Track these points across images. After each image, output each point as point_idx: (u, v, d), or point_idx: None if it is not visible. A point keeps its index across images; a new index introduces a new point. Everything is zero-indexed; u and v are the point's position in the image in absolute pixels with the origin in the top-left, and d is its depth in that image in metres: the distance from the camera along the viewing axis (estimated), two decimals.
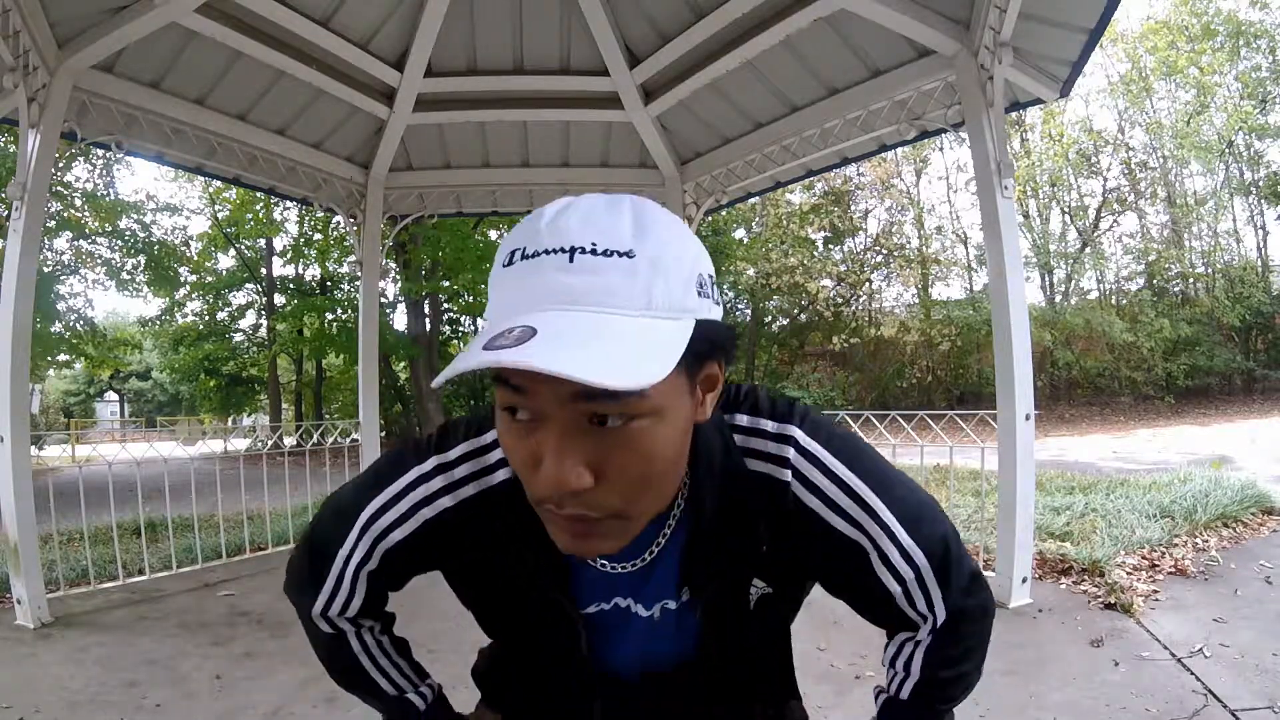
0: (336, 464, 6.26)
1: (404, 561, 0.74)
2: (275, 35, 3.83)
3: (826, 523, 0.67)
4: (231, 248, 17.92)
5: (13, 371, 3.18)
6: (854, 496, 0.67)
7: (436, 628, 3.10)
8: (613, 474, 0.52)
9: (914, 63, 3.73)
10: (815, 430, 0.69)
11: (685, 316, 0.52)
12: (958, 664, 0.75)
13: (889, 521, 0.68)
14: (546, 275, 0.50)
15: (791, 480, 0.67)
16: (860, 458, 0.69)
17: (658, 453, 0.53)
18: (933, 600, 0.71)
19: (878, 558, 0.68)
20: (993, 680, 2.43)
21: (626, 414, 0.50)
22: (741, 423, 0.69)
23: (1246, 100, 18.15)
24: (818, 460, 0.67)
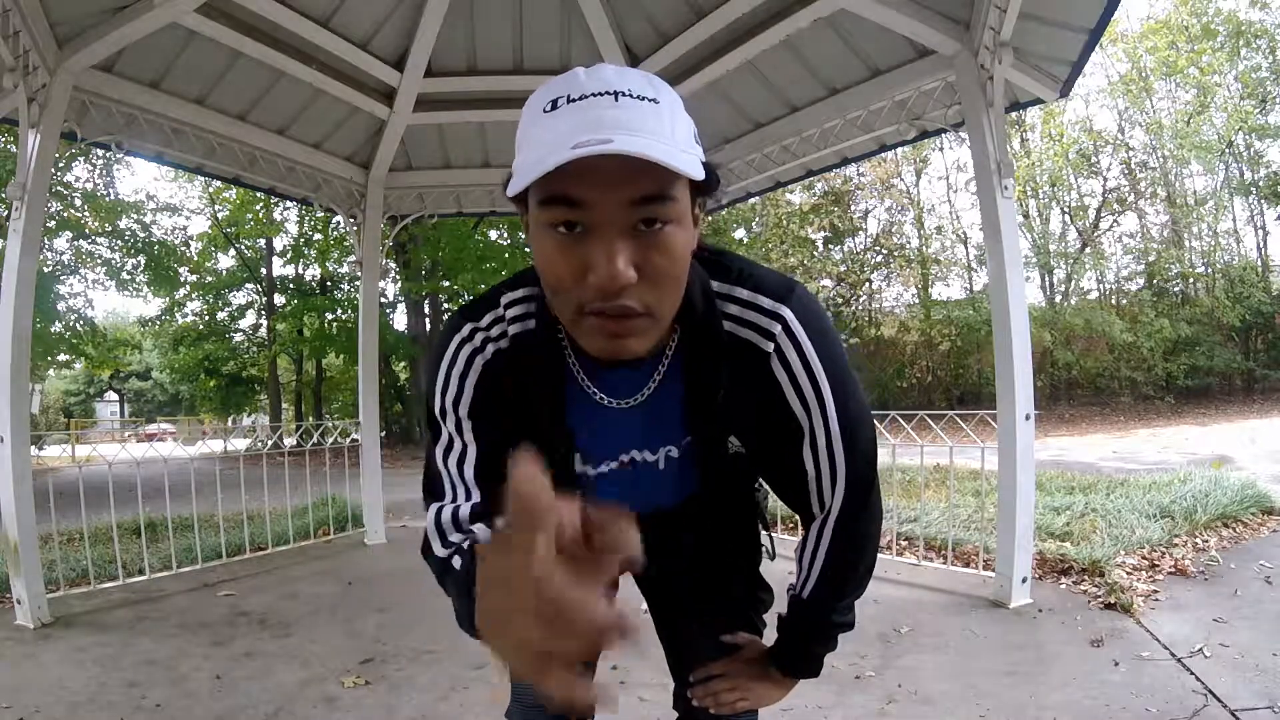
0: (336, 464, 6.27)
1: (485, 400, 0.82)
2: (275, 35, 3.83)
3: (784, 396, 0.81)
4: (231, 248, 17.93)
5: (13, 371, 3.18)
6: (814, 385, 0.81)
7: (436, 629, 3.11)
8: (650, 271, 0.64)
9: (914, 63, 3.72)
10: (804, 315, 0.81)
11: (695, 151, 0.67)
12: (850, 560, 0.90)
13: (831, 418, 0.82)
14: (597, 111, 0.61)
15: (771, 353, 0.80)
16: (833, 355, 0.82)
17: (680, 256, 0.67)
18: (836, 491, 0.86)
19: (808, 443, 0.83)
20: (993, 680, 2.43)
21: (664, 218, 0.64)
22: (742, 296, 0.81)
23: (1246, 100, 18.15)
24: (799, 344, 0.80)
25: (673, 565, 1.07)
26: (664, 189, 0.62)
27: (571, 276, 0.65)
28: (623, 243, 0.62)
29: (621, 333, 0.67)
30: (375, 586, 3.94)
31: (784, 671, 0.99)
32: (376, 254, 5.30)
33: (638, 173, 0.60)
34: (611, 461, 0.89)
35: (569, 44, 4.42)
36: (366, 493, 5.17)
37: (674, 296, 0.69)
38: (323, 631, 3.17)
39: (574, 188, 0.61)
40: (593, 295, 0.64)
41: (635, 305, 0.65)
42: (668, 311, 0.69)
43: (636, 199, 0.62)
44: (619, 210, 0.62)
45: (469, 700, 2.41)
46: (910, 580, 3.62)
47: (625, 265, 0.62)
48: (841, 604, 0.94)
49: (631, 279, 0.63)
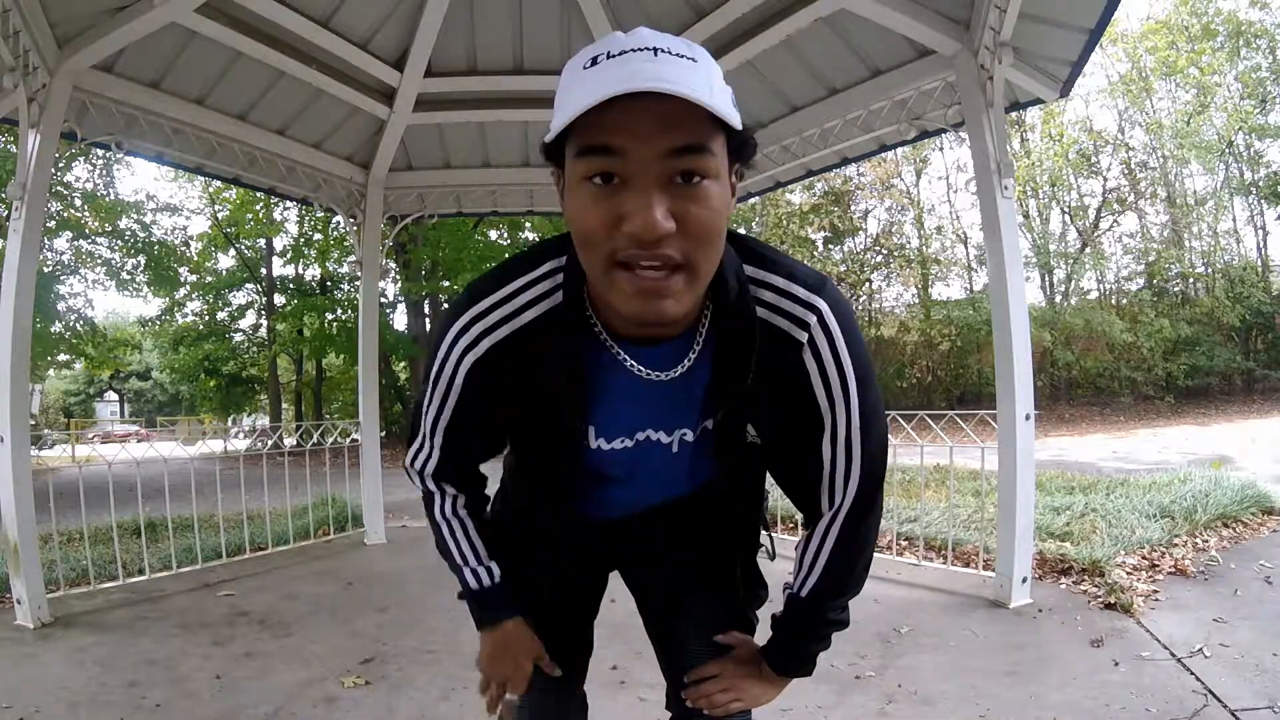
0: (336, 464, 6.27)
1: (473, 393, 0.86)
2: (275, 35, 3.83)
3: (811, 386, 0.82)
4: (231, 248, 17.92)
5: (13, 371, 3.18)
6: (843, 378, 0.82)
7: (436, 629, 3.11)
8: (689, 223, 0.63)
9: (914, 63, 3.72)
10: (837, 309, 0.82)
11: (733, 111, 0.65)
12: (853, 557, 0.91)
13: (854, 411, 0.83)
14: (637, 65, 0.61)
15: (805, 343, 0.80)
16: (860, 351, 0.84)
17: (718, 210, 0.66)
18: (849, 489, 0.87)
19: (829, 434, 0.84)
20: (993, 680, 2.43)
21: (702, 172, 0.63)
22: (776, 283, 0.81)
23: (1246, 100, 18.15)
24: (831, 336, 0.81)
25: (672, 557, 1.08)
26: (703, 140, 0.62)
27: (605, 226, 0.64)
28: (660, 193, 0.62)
29: (658, 290, 0.65)
30: (375, 586, 3.94)
31: (778, 670, 0.99)
32: (376, 254, 5.30)
33: (676, 123, 0.60)
34: (627, 439, 0.89)
35: (569, 44, 4.41)
36: (366, 493, 5.17)
37: (713, 253, 0.68)
38: (323, 631, 3.17)
39: (612, 136, 0.61)
40: (627, 243, 0.63)
41: (674, 254, 0.64)
42: (706, 269, 0.68)
43: (676, 148, 0.61)
44: (657, 160, 0.62)
45: (469, 700, 2.41)
46: (910, 580, 3.62)
47: (664, 215, 0.61)
48: (839, 601, 0.94)
49: (670, 229, 0.62)
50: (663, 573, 1.09)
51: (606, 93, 0.58)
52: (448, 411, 0.88)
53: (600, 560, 1.13)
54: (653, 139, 0.61)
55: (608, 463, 0.93)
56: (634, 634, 1.13)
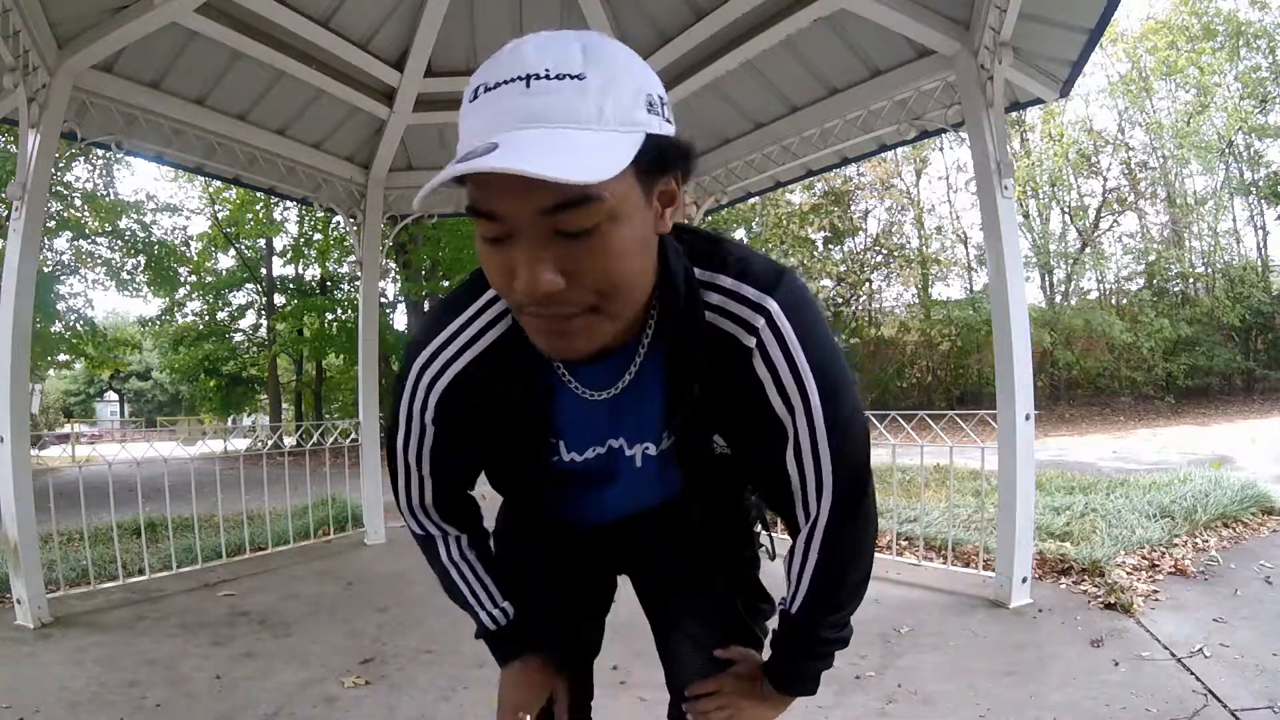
0: (336, 464, 6.27)
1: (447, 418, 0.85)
2: (275, 35, 3.83)
3: (766, 396, 0.75)
4: (231, 248, 17.92)
5: (13, 371, 3.18)
6: (799, 384, 0.74)
7: (436, 629, 3.11)
8: (581, 275, 0.59)
9: (914, 63, 3.72)
10: (792, 308, 0.74)
11: (636, 129, 0.57)
12: (838, 574, 0.85)
13: (817, 421, 0.76)
14: (507, 101, 0.56)
15: (754, 348, 0.74)
16: (821, 353, 0.75)
17: (619, 253, 0.60)
18: (823, 502, 0.80)
19: (791, 447, 0.78)
20: (993, 680, 2.43)
21: (586, 225, 0.57)
22: (724, 284, 0.75)
23: (1246, 100, 18.14)
24: (783, 339, 0.74)
25: (663, 573, 1.06)
26: (577, 194, 0.54)
27: (503, 282, 0.62)
28: (541, 250, 0.58)
29: (563, 331, 0.63)
30: (375, 586, 3.94)
31: (778, 688, 0.94)
32: (376, 254, 5.30)
33: (539, 183, 0.52)
34: (599, 447, 0.87)
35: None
36: (366, 493, 5.17)
37: (623, 294, 0.64)
38: (323, 631, 3.17)
39: (484, 201, 0.58)
40: (524, 300, 0.61)
41: (571, 307, 0.61)
42: (619, 308, 0.64)
43: (547, 208, 0.55)
44: (532, 221, 0.57)
45: (469, 700, 2.41)
46: (910, 580, 3.62)
47: (550, 274, 0.58)
48: (832, 619, 0.88)
49: (557, 286, 0.58)
50: (660, 578, 1.07)
51: (457, 170, 0.52)
52: (428, 440, 0.87)
53: (601, 563, 1.11)
54: (522, 200, 0.55)
55: (583, 472, 0.90)
56: (634, 634, 1.13)
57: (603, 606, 1.15)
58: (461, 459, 0.92)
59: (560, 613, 1.05)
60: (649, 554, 1.06)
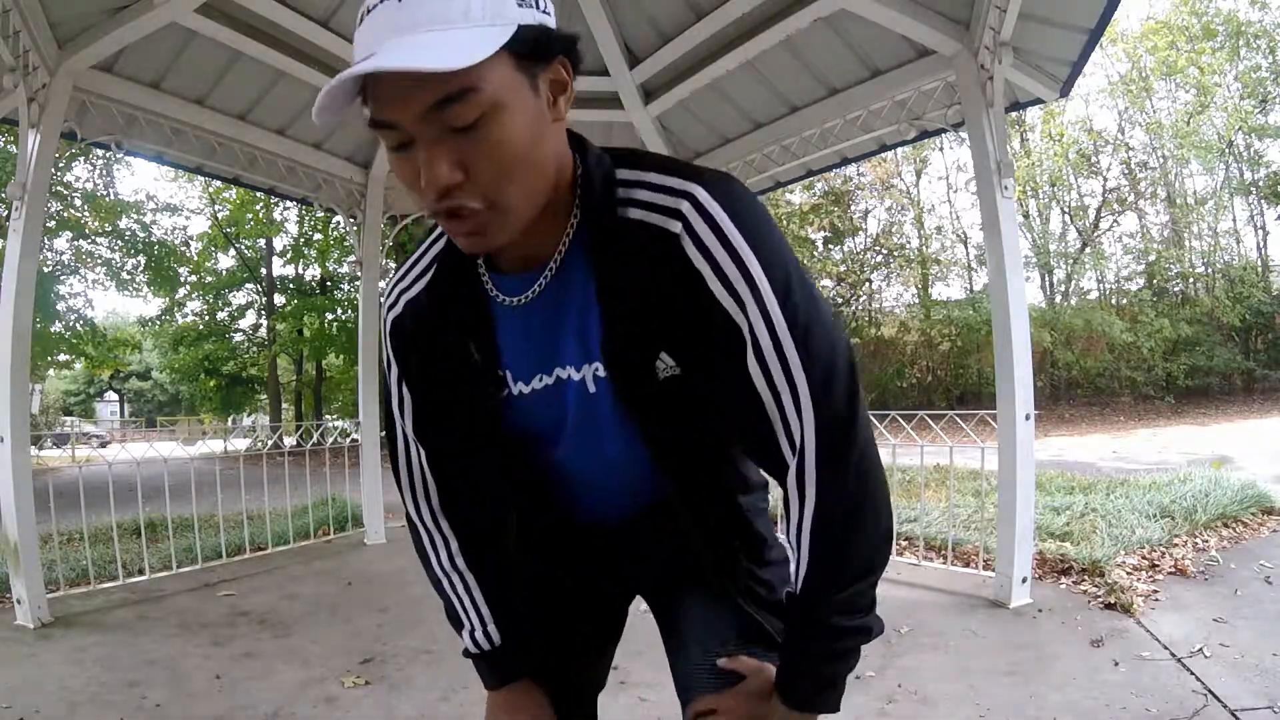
0: (336, 464, 6.27)
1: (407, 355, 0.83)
2: (275, 35, 3.83)
3: (710, 289, 0.67)
4: (231, 248, 17.93)
5: (13, 371, 3.18)
6: (741, 267, 0.67)
7: (436, 629, 3.11)
8: (478, 167, 0.61)
9: (914, 63, 3.72)
10: (719, 191, 0.68)
11: (507, 22, 0.60)
12: (845, 519, 0.70)
13: (772, 309, 0.67)
14: (382, 17, 0.59)
15: (681, 233, 0.67)
16: (762, 234, 0.68)
17: (510, 141, 0.61)
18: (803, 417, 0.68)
19: (751, 349, 0.67)
20: (993, 680, 2.43)
21: (471, 116, 0.59)
22: (649, 179, 0.71)
23: (1246, 100, 18.15)
24: (712, 219, 0.67)
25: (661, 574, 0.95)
26: (456, 87, 0.57)
27: (413, 188, 0.64)
28: (438, 148, 0.60)
29: (470, 230, 0.65)
30: (375, 586, 3.94)
31: (789, 703, 0.76)
32: (376, 254, 5.30)
33: (419, 83, 0.57)
34: (546, 376, 0.78)
35: None
36: (366, 493, 5.17)
37: (519, 184, 0.64)
38: (323, 631, 3.17)
39: (377, 112, 0.61)
40: (431, 201, 0.63)
41: (471, 203, 0.63)
42: (516, 200, 0.64)
43: (431, 105, 0.58)
44: (422, 123, 0.60)
45: (469, 700, 2.41)
46: (910, 580, 3.62)
47: (442, 166, 0.60)
48: (843, 596, 0.71)
49: (456, 179, 0.61)
50: (659, 579, 0.97)
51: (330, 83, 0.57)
52: (407, 391, 0.85)
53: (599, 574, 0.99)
54: (407, 105, 0.59)
55: (538, 414, 0.81)
56: (634, 634, 1.13)
57: (608, 634, 1.04)
58: (446, 421, 0.85)
59: (560, 639, 0.96)
60: (645, 556, 0.95)
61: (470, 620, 0.92)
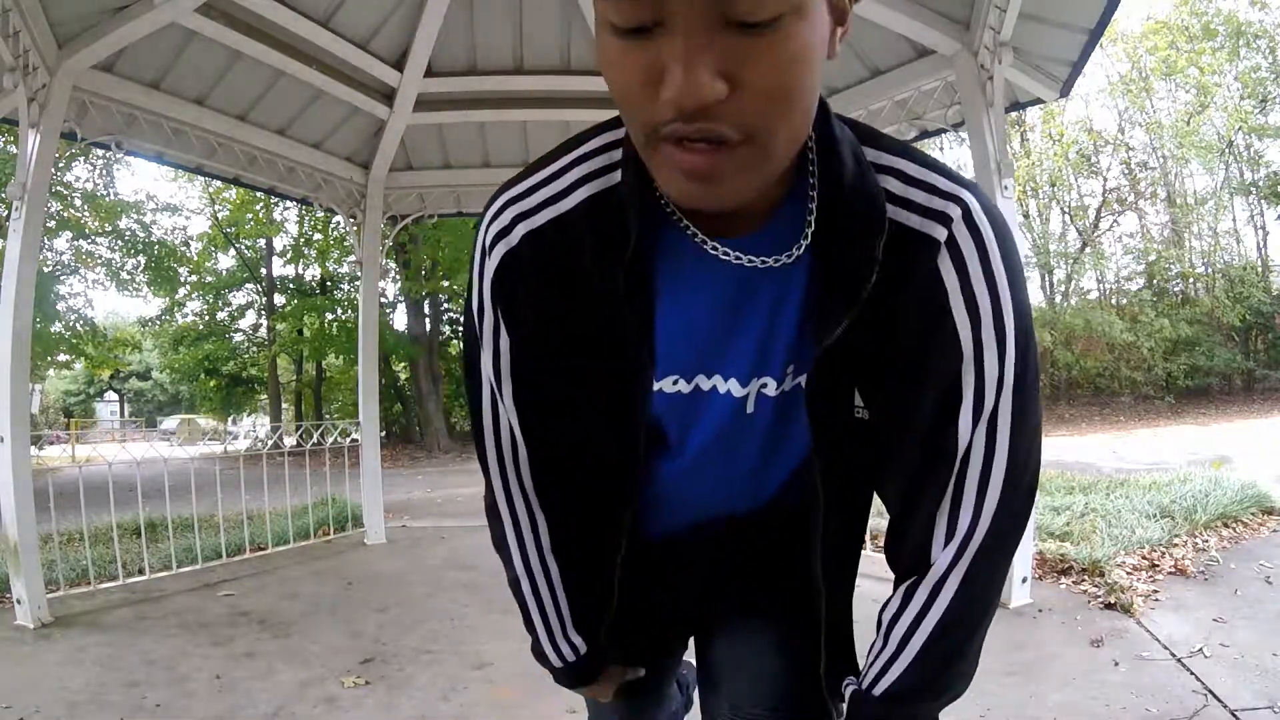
0: (336, 464, 6.27)
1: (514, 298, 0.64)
2: (275, 35, 3.83)
3: (951, 318, 0.56)
4: (231, 248, 17.92)
5: (13, 371, 3.17)
6: (994, 297, 0.56)
7: (436, 629, 3.11)
8: (751, 81, 0.44)
9: (914, 63, 3.72)
10: (989, 206, 0.58)
11: None
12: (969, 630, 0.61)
13: (1008, 351, 0.55)
14: None
15: (944, 243, 0.56)
16: (1019, 261, 0.58)
17: (801, 59, 0.46)
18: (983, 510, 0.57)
19: (973, 373, 0.56)
20: (993, 680, 2.43)
21: (771, 13, 0.43)
22: (908, 170, 0.58)
23: (1246, 100, 18.14)
24: (981, 236, 0.56)
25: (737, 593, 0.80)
26: None
27: (639, 88, 0.46)
28: (705, 42, 0.43)
29: (707, 171, 0.47)
30: (375, 586, 3.94)
31: None
32: (376, 254, 5.29)
33: None
34: (684, 381, 0.63)
35: (569, 44, 4.42)
36: (366, 493, 5.17)
37: (788, 121, 0.49)
38: (323, 631, 3.17)
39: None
40: (667, 113, 0.45)
41: (726, 130, 0.46)
42: (779, 144, 0.49)
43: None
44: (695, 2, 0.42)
45: (469, 700, 2.41)
46: None
47: (710, 75, 0.43)
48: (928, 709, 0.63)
49: (720, 93, 0.44)
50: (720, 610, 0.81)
51: None
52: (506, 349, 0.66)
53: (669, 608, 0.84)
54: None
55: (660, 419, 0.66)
56: None
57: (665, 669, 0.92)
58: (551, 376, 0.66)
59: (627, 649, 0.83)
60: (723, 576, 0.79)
61: (551, 630, 0.78)
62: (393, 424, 17.49)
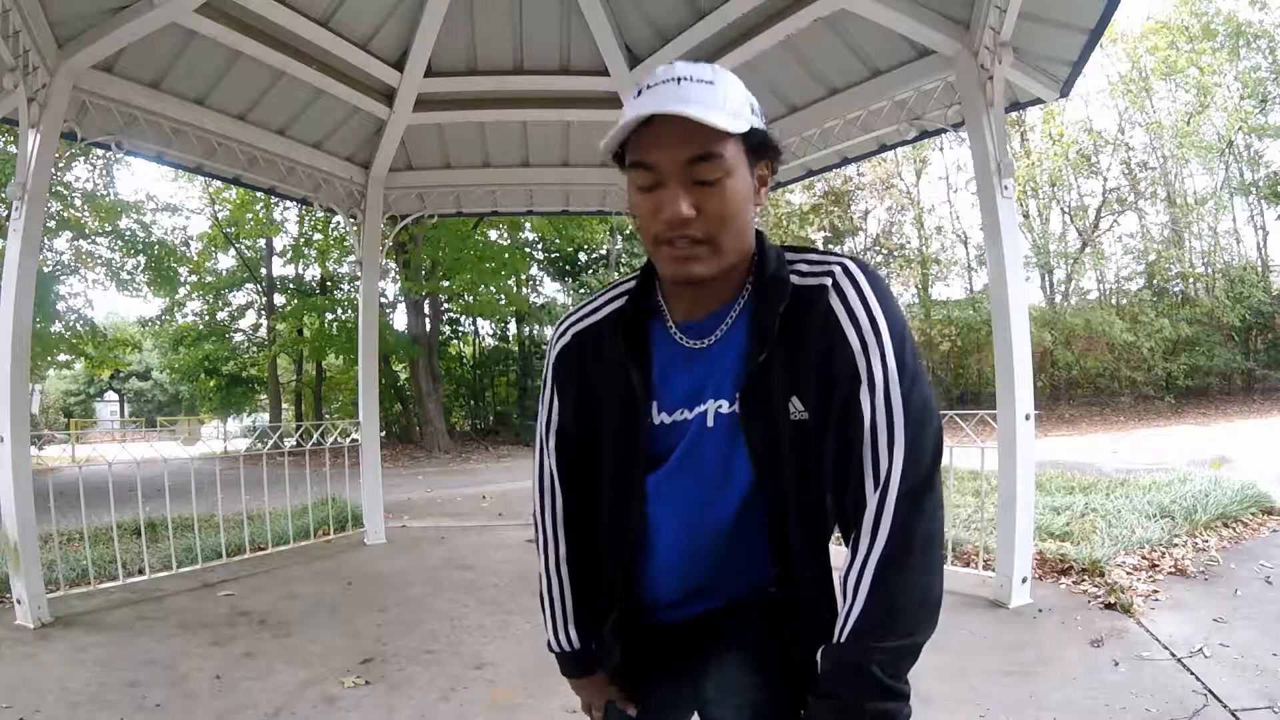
0: (336, 464, 6.27)
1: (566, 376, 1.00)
2: (275, 35, 3.83)
3: (843, 331, 0.83)
4: (231, 248, 17.92)
5: (13, 371, 3.18)
6: (871, 320, 0.83)
7: (436, 629, 3.11)
8: (707, 210, 0.82)
9: (914, 63, 3.73)
10: (861, 264, 0.88)
11: (745, 120, 0.82)
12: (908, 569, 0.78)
13: (889, 355, 0.82)
14: (665, 91, 0.81)
15: (830, 286, 0.86)
16: (891, 307, 0.85)
17: (733, 200, 0.83)
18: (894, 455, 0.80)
19: (866, 384, 0.81)
20: (993, 680, 2.43)
21: (714, 175, 0.81)
22: (807, 258, 0.91)
23: (1246, 100, 18.14)
24: (856, 282, 0.86)
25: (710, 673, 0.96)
26: (710, 149, 0.80)
27: (650, 215, 0.84)
28: (684, 190, 0.81)
29: (687, 257, 0.84)
30: (375, 586, 3.94)
31: None
32: (376, 254, 5.30)
33: (689, 138, 0.79)
34: (686, 410, 0.92)
35: (569, 44, 4.42)
36: (366, 493, 5.17)
37: (731, 232, 0.84)
38: (323, 631, 3.17)
39: (645, 154, 0.82)
40: (663, 228, 0.83)
41: (696, 233, 0.83)
42: (727, 243, 0.85)
43: (688, 159, 0.80)
44: (678, 168, 0.81)
45: (469, 700, 2.41)
46: None
47: (686, 206, 0.81)
48: (888, 646, 0.76)
49: (691, 215, 0.81)
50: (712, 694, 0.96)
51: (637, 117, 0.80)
52: (555, 411, 1.01)
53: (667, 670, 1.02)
54: (672, 151, 0.81)
55: (664, 446, 0.93)
56: None
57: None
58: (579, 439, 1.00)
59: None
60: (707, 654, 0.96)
61: (556, 621, 1.03)
62: (393, 424, 17.48)
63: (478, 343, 21.23)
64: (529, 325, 20.05)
